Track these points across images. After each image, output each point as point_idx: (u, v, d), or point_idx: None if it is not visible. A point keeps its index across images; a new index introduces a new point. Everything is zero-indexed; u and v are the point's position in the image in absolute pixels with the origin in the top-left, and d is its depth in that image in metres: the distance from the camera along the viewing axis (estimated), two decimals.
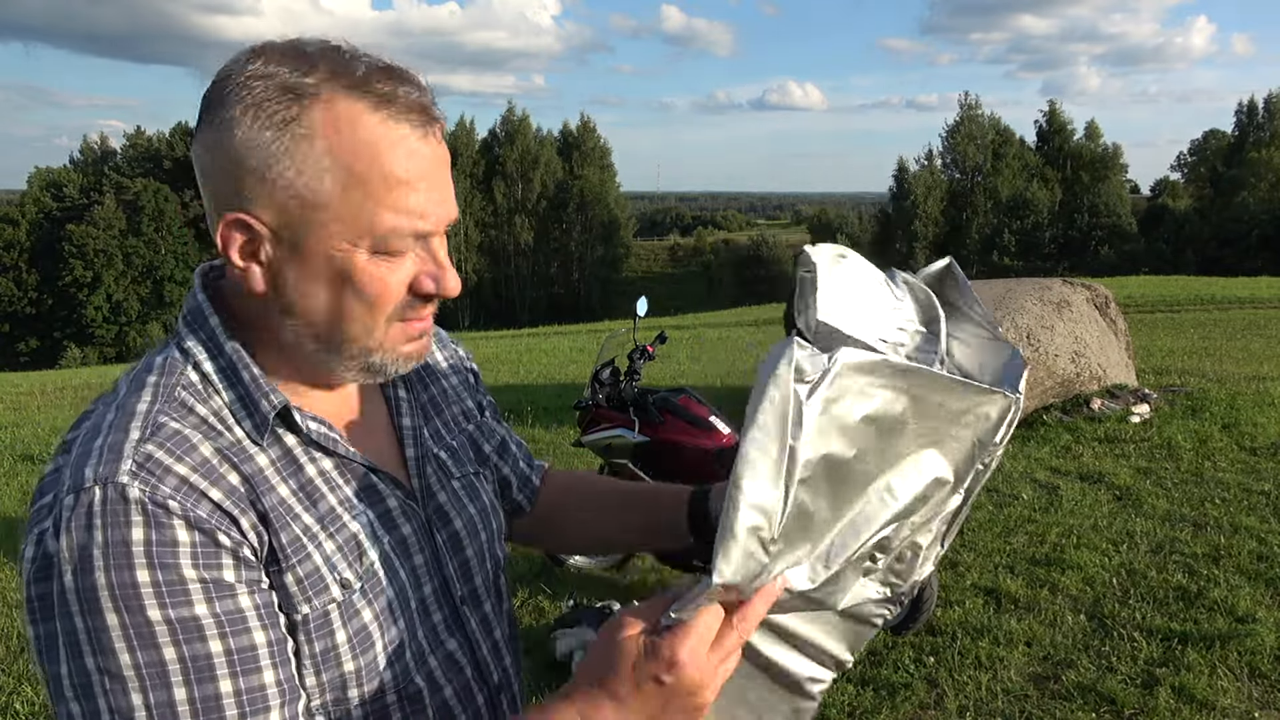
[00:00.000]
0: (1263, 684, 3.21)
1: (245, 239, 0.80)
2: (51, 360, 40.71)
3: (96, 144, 57.32)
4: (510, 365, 13.88)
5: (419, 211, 0.81)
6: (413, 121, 0.80)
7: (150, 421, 0.78)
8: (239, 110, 0.77)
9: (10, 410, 11.30)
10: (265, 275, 0.81)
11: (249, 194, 0.78)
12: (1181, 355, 10.81)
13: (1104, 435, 6.42)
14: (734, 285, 58.53)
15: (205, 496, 0.76)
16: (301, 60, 0.78)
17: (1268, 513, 4.85)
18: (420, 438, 0.98)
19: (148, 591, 0.71)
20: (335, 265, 0.80)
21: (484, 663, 0.98)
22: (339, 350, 0.85)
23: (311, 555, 0.82)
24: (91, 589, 0.71)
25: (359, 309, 0.82)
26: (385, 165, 0.78)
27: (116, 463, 0.74)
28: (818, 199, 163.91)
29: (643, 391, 4.27)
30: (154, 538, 0.72)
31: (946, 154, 56.77)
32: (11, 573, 4.81)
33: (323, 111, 0.77)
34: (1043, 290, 7.60)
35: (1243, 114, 55.23)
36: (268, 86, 0.77)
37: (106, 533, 0.72)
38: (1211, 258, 43.79)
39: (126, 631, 0.71)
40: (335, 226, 0.79)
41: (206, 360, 0.84)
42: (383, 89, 0.79)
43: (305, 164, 0.77)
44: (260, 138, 0.77)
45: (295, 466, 0.84)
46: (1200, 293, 19.73)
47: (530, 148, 59.74)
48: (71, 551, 0.72)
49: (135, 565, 0.71)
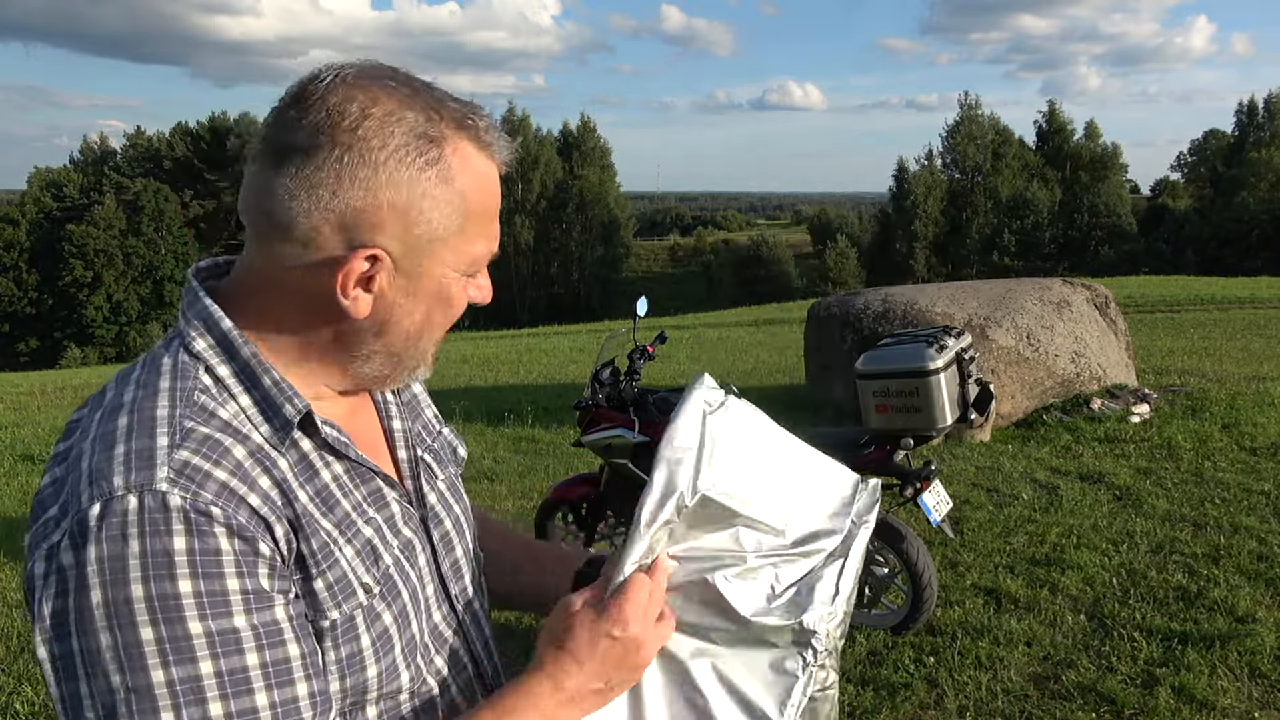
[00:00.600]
0: (1263, 684, 3.21)
1: (364, 273, 0.82)
2: (51, 360, 40.69)
3: (96, 144, 57.36)
4: (510, 365, 13.87)
5: (496, 236, 0.90)
6: (498, 159, 0.88)
7: (177, 426, 0.77)
8: (383, 153, 0.79)
9: (10, 410, 11.30)
10: (372, 303, 0.84)
11: (387, 230, 0.81)
12: (1181, 355, 10.81)
13: (1104, 435, 6.42)
14: (734, 285, 58.47)
15: (244, 502, 0.76)
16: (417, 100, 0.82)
17: (1268, 513, 4.85)
18: (410, 440, 1.00)
19: (190, 603, 0.70)
20: (439, 288, 0.86)
21: (480, 659, 1.00)
22: (406, 363, 0.91)
23: (338, 561, 0.82)
24: (125, 602, 0.69)
25: (441, 323, 0.90)
26: (489, 202, 0.87)
27: (151, 470, 0.73)
28: (818, 199, 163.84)
29: (643, 391, 4.27)
30: (197, 546, 0.71)
31: (946, 154, 56.74)
32: (12, 573, 4.81)
33: (452, 154, 0.83)
34: (1043, 290, 7.60)
35: (1243, 114, 55.23)
36: (404, 132, 0.80)
37: (145, 542, 0.70)
38: (1211, 258, 43.78)
39: (163, 646, 0.69)
40: (449, 256, 0.85)
41: (219, 364, 0.83)
42: (480, 128, 0.85)
43: (441, 204, 0.82)
44: (403, 178, 0.80)
45: (311, 471, 0.85)
46: (1200, 293, 19.72)
47: (530, 147, 59.69)
48: (101, 564, 0.70)
49: (178, 575, 0.70)
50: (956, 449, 6.31)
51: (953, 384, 3.70)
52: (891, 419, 3.67)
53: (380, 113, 0.80)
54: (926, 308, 7.08)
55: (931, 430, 3.64)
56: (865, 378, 3.74)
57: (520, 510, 5.51)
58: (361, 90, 0.80)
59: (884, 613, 3.71)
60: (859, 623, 3.67)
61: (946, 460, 6.02)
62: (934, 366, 3.62)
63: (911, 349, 3.73)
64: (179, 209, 50.26)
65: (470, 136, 0.84)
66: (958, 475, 5.71)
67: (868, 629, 3.67)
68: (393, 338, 0.87)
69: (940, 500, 3.64)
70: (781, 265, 61.47)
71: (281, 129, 0.80)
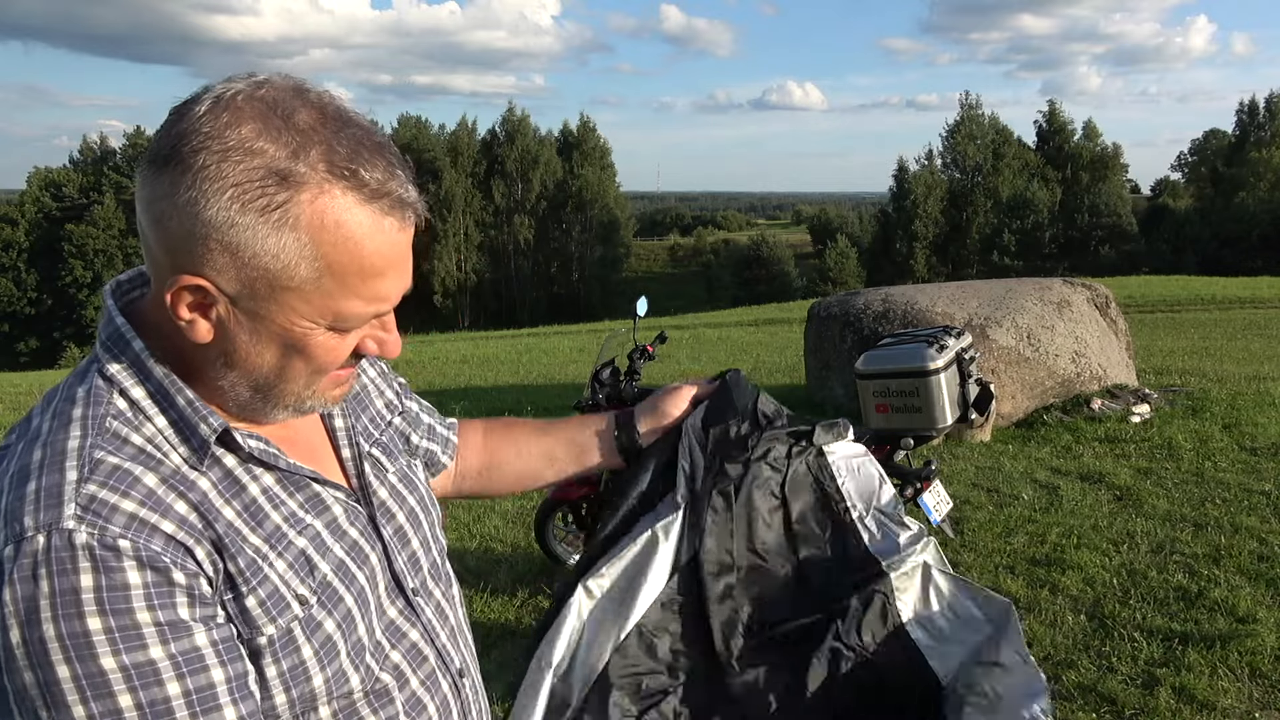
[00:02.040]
0: (1263, 684, 3.21)
1: (197, 299, 0.78)
2: (51, 360, 40.69)
3: (96, 144, 57.28)
4: (510, 365, 13.88)
5: (384, 296, 0.82)
6: (397, 214, 0.79)
7: (86, 459, 0.75)
8: (217, 184, 0.73)
9: (10, 410, 11.30)
10: (212, 329, 0.79)
11: (215, 264, 0.75)
12: (1182, 355, 10.81)
13: (1104, 435, 6.41)
14: (734, 285, 58.51)
15: (157, 530, 0.74)
16: (291, 137, 0.75)
17: (1268, 513, 4.85)
18: (354, 438, 0.99)
19: (100, 639, 0.70)
20: (291, 337, 0.80)
21: (444, 649, 0.99)
22: (274, 401, 0.85)
23: (269, 576, 0.81)
24: (40, 641, 0.69)
25: (303, 371, 0.83)
26: (364, 259, 0.78)
27: (58, 508, 0.72)
28: (818, 199, 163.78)
29: (643, 391, 4.26)
30: (104, 583, 0.70)
31: (946, 154, 56.70)
32: None
33: (310, 201, 0.75)
34: (1043, 290, 7.59)
35: (1244, 114, 55.20)
36: (253, 166, 0.73)
37: (53, 582, 0.69)
38: (1212, 258, 43.78)
39: (79, 683, 0.69)
40: (301, 307, 0.78)
41: (134, 386, 0.81)
42: (374, 179, 0.77)
43: (284, 251, 0.75)
44: (239, 219, 0.74)
45: (237, 487, 0.83)
46: (1201, 293, 19.73)
47: (530, 147, 59.69)
48: (17, 604, 0.69)
49: (85, 614, 0.70)
50: (957, 449, 6.30)
51: (953, 384, 3.70)
52: (891, 419, 3.66)
53: (234, 140, 0.73)
54: (926, 308, 7.08)
55: (932, 430, 3.63)
56: (865, 377, 3.74)
57: (520, 510, 5.50)
58: (231, 111, 0.74)
59: None
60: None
61: (947, 460, 6.02)
62: (934, 366, 3.61)
63: (911, 349, 3.73)
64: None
65: (348, 186, 0.76)
66: (958, 475, 5.71)
67: None
68: (243, 373, 0.82)
69: (940, 500, 3.63)
70: (781, 265, 61.47)
71: (159, 131, 0.78)
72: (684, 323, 22.34)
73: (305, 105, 0.77)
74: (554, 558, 4.52)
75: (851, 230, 64.24)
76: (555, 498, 4.44)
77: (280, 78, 0.79)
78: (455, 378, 12.40)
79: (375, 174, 0.77)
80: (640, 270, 71.52)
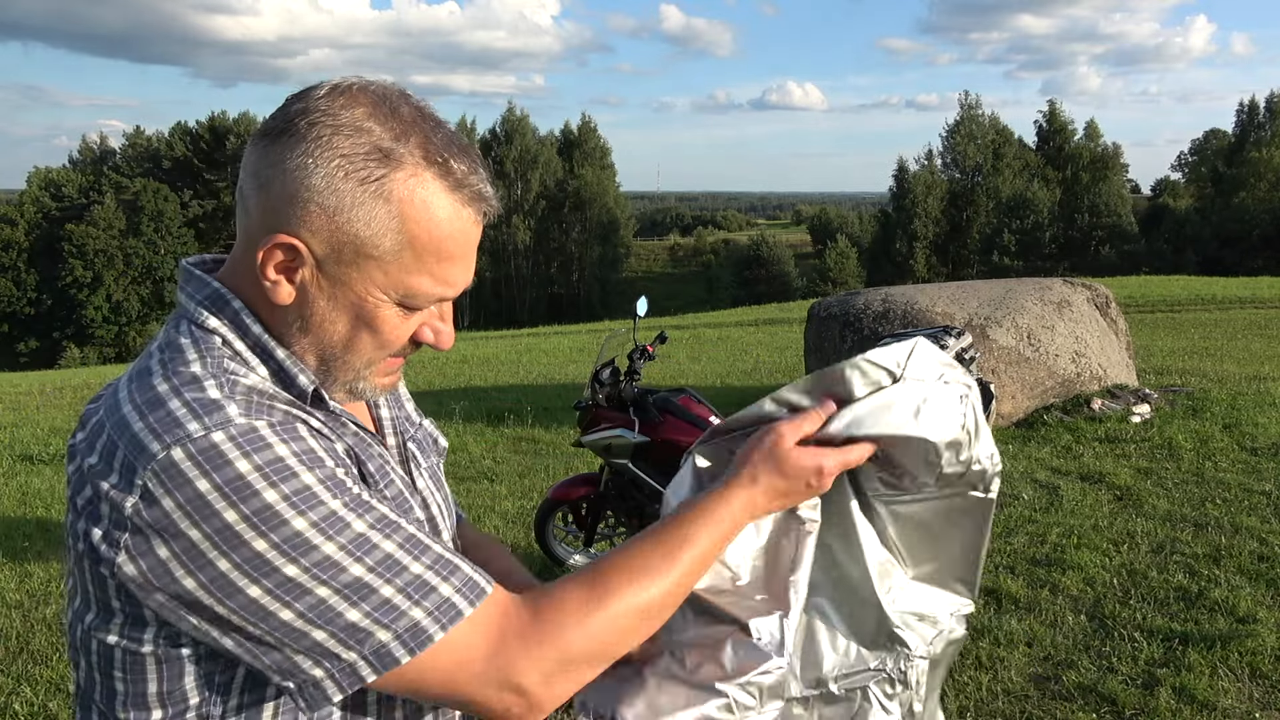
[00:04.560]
0: (1264, 684, 3.21)
1: (287, 258, 0.84)
2: (51, 360, 40.71)
3: (95, 143, 57.33)
4: (510, 365, 13.88)
5: (452, 282, 0.89)
6: (475, 206, 0.87)
7: (222, 380, 0.82)
8: (328, 153, 0.81)
9: (10, 410, 11.29)
10: (294, 292, 0.86)
11: (310, 224, 0.83)
12: (1182, 355, 10.81)
13: (1105, 435, 6.41)
14: (734, 285, 58.51)
15: (306, 423, 0.84)
16: (396, 124, 0.84)
17: (1269, 513, 4.85)
18: (399, 427, 1.04)
19: (319, 489, 0.78)
20: (364, 307, 0.87)
21: None
22: (334, 372, 0.91)
23: (394, 480, 0.93)
24: (264, 508, 0.75)
25: (369, 345, 0.89)
26: (441, 240, 0.86)
27: (221, 410, 0.78)
28: (818, 199, 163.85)
29: (643, 391, 4.26)
30: (296, 449, 0.79)
31: (946, 154, 56.69)
32: (11, 573, 4.80)
33: (405, 180, 0.83)
34: (1043, 290, 7.59)
35: (1244, 113, 55.18)
36: (361, 142, 0.82)
37: (254, 458, 0.76)
38: (1212, 258, 43.81)
39: (319, 526, 0.77)
40: (378, 276, 0.85)
41: (236, 339, 0.87)
42: (460, 170, 0.85)
43: (374, 220, 0.83)
44: (341, 185, 0.82)
45: (341, 426, 0.91)
46: (1201, 293, 19.73)
47: (529, 147, 59.70)
48: (220, 489, 0.75)
49: (297, 472, 0.78)
50: None
51: None
52: None
53: (347, 118, 0.82)
54: (926, 308, 7.08)
55: None
56: None
57: (520, 510, 5.50)
58: (347, 96, 0.84)
59: None
60: None
61: None
62: None
63: None
64: (178, 209, 50.23)
65: (439, 173, 0.85)
66: None
67: None
68: (315, 339, 0.88)
69: None
70: (781, 265, 61.46)
71: (276, 112, 0.86)
72: (684, 323, 22.34)
73: (408, 103, 0.86)
74: (554, 558, 4.52)
75: (851, 230, 64.20)
76: (555, 498, 4.44)
77: (389, 82, 0.89)
78: (455, 378, 12.40)
79: (462, 167, 0.86)
80: (640, 270, 71.54)
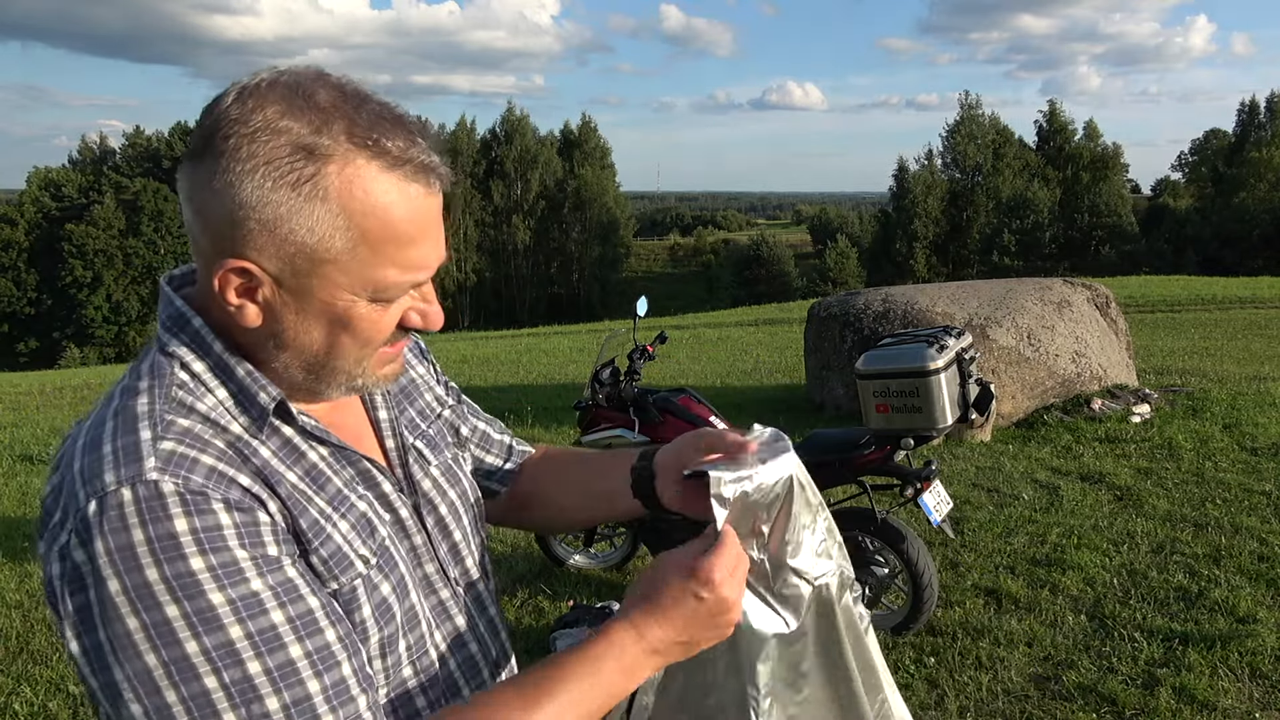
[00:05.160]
0: (1264, 684, 3.21)
1: (243, 282, 0.81)
2: (51, 360, 40.70)
3: (95, 143, 57.31)
4: (510, 365, 13.87)
5: (419, 264, 0.84)
6: (421, 180, 0.82)
7: (158, 419, 0.79)
8: (249, 164, 0.77)
9: (10, 410, 11.29)
10: (261, 313, 0.82)
11: (255, 244, 0.79)
12: (1182, 355, 10.81)
13: (1105, 435, 6.41)
14: (734, 285, 58.50)
15: (235, 482, 0.78)
16: (314, 114, 0.78)
17: (1269, 513, 4.84)
18: (397, 429, 1.01)
19: (205, 577, 0.72)
20: (335, 311, 0.83)
21: (483, 639, 1.02)
22: (327, 379, 0.88)
23: (331, 535, 0.85)
24: (144, 586, 0.71)
25: (351, 346, 0.86)
26: (395, 226, 0.80)
27: (139, 462, 0.75)
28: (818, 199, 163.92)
29: (643, 391, 4.26)
30: (199, 525, 0.73)
31: (946, 154, 56.66)
32: (10, 573, 4.81)
33: (338, 172, 0.78)
34: (1043, 290, 7.59)
35: (1244, 113, 55.17)
36: (280, 144, 0.77)
37: (148, 529, 0.72)
38: (1212, 257, 43.80)
39: (190, 619, 0.71)
40: (340, 279, 0.81)
41: (194, 360, 0.84)
42: (395, 147, 0.80)
43: (318, 223, 0.78)
44: (273, 196, 0.77)
45: (297, 454, 0.86)
46: (1201, 293, 19.73)
47: (529, 147, 59.70)
48: (110, 555, 0.71)
49: (187, 554, 0.72)
50: (957, 449, 6.30)
51: (953, 384, 3.70)
52: (891, 419, 3.66)
53: (259, 122, 0.77)
54: (927, 308, 7.08)
55: (932, 430, 3.63)
56: (865, 378, 3.73)
57: None
58: (255, 97, 0.78)
59: (884, 613, 3.70)
60: None
61: (947, 460, 6.02)
62: (934, 366, 3.61)
63: (912, 349, 3.72)
64: (179, 209, 50.19)
65: (372, 155, 0.79)
66: (958, 475, 5.71)
67: None
68: (295, 352, 0.85)
69: (940, 500, 3.63)
70: (781, 265, 61.45)
71: (194, 128, 0.82)
72: (684, 323, 22.33)
73: (325, 86, 0.80)
74: (554, 558, 4.52)
75: (851, 230, 64.19)
76: None
77: (301, 66, 0.83)
78: (455, 378, 12.33)
79: (396, 142, 0.80)
80: (640, 270, 71.56)
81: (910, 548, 3.53)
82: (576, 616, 3.74)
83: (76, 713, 3.37)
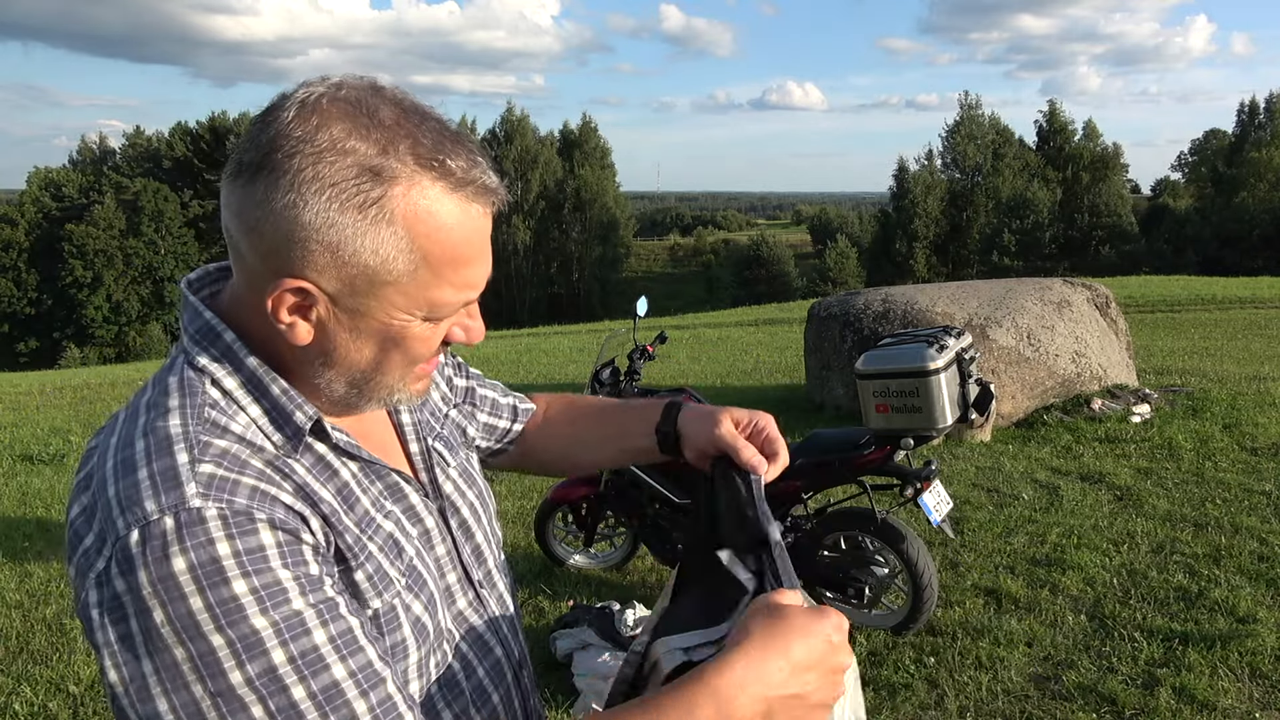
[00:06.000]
0: (1264, 684, 3.21)
1: (299, 300, 0.79)
2: (51, 360, 40.69)
3: (95, 144, 57.35)
4: (510, 365, 13.87)
5: (474, 284, 0.84)
6: (483, 201, 0.81)
7: (193, 441, 0.77)
8: (314, 186, 0.75)
9: (10, 410, 11.29)
10: (312, 330, 0.81)
11: (316, 265, 0.77)
12: (1182, 355, 10.81)
13: (1105, 435, 6.41)
14: (734, 285, 58.51)
15: (278, 500, 0.77)
16: (379, 134, 0.76)
17: (1269, 513, 4.85)
18: (421, 432, 1.01)
19: (249, 600, 0.71)
20: (390, 331, 0.82)
21: (506, 640, 1.02)
22: (369, 394, 0.88)
23: (372, 553, 0.85)
24: (187, 615, 0.70)
25: (400, 363, 0.86)
26: (456, 248, 0.80)
27: (179, 489, 0.73)
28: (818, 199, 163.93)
29: (643, 391, 4.26)
30: (241, 548, 0.73)
31: (946, 154, 56.67)
32: (11, 573, 4.81)
33: (403, 195, 0.77)
34: (1043, 290, 7.59)
35: (1244, 113, 55.18)
36: (347, 165, 0.75)
37: (189, 556, 0.71)
38: (1212, 258, 43.78)
39: (234, 647, 0.70)
40: (399, 299, 0.80)
41: (226, 377, 0.83)
42: (459, 167, 0.79)
43: (382, 245, 0.77)
44: (339, 219, 0.76)
45: (330, 471, 0.86)
46: (1201, 293, 19.72)
47: (529, 147, 59.71)
48: (154, 585, 0.70)
49: (230, 578, 0.71)
50: (957, 449, 6.30)
51: (953, 384, 3.70)
52: (891, 419, 3.66)
53: (324, 141, 0.75)
54: (926, 308, 7.08)
55: (932, 430, 3.64)
56: (865, 378, 3.74)
57: (520, 510, 5.50)
58: (319, 114, 0.76)
59: (884, 613, 3.71)
60: (859, 623, 3.67)
61: (947, 460, 6.02)
62: (934, 366, 3.61)
63: (912, 349, 3.73)
64: (179, 209, 50.21)
65: (437, 176, 0.78)
66: (958, 475, 5.71)
67: (868, 629, 3.66)
68: (342, 369, 0.84)
69: (940, 500, 3.64)
70: (781, 265, 61.46)
71: (244, 141, 0.79)
72: (684, 323, 22.33)
73: (385, 102, 0.79)
74: (554, 558, 4.52)
75: (851, 230, 64.22)
76: (555, 498, 4.44)
77: (354, 78, 0.81)
78: None
79: (460, 162, 0.79)
80: (640, 270, 71.56)
81: (910, 548, 3.53)
82: (576, 616, 3.74)
83: (76, 713, 3.37)
